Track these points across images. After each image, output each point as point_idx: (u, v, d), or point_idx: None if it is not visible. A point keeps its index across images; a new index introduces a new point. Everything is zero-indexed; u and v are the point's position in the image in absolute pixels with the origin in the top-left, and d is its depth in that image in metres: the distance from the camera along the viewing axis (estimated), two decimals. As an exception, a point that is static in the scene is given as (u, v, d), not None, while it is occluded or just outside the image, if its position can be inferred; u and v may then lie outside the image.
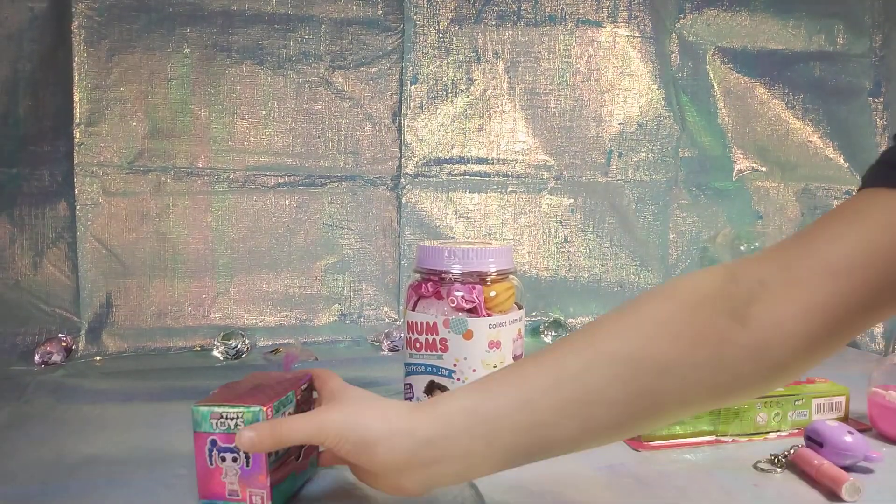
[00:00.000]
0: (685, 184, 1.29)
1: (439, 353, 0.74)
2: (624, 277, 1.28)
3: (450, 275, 0.74)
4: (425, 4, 1.17)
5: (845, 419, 0.78)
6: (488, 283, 0.74)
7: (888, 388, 0.77)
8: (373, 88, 1.17)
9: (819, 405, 0.78)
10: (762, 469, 0.67)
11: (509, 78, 1.21)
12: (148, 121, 1.09)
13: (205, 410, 0.57)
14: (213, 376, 0.98)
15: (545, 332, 1.20)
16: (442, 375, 0.74)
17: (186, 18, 1.09)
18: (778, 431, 0.76)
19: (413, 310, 0.76)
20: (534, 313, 1.23)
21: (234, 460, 0.56)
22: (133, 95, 1.09)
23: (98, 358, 1.06)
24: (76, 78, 1.06)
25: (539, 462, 0.53)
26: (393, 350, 1.11)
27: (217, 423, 0.56)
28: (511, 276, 0.77)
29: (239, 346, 1.07)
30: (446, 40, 1.18)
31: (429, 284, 0.75)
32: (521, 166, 1.23)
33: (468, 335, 0.72)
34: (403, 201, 1.19)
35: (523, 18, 1.20)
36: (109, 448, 0.72)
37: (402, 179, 1.19)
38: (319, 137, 1.16)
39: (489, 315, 0.73)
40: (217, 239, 1.13)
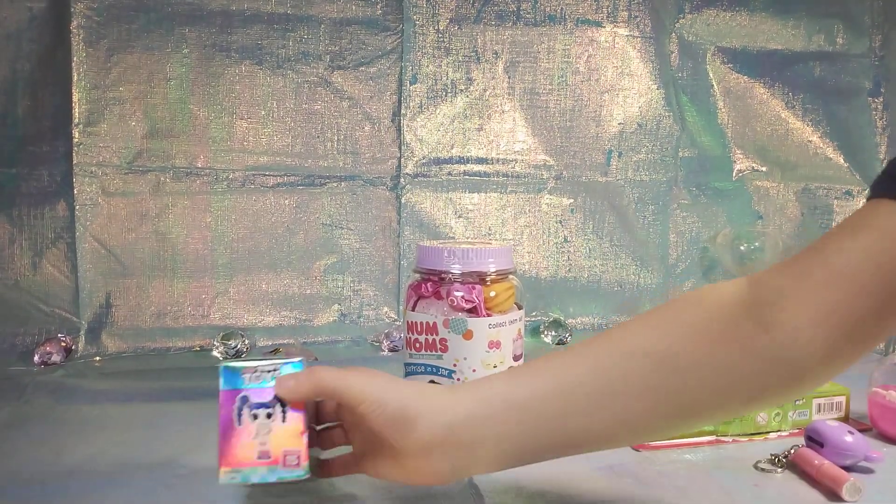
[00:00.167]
0: (685, 184, 1.29)
1: (439, 354, 0.73)
2: (624, 277, 1.28)
3: (449, 275, 0.74)
4: (425, 4, 1.17)
5: (846, 419, 0.78)
6: (488, 283, 0.74)
7: (889, 388, 0.77)
8: (372, 88, 1.17)
9: (819, 405, 0.78)
10: (762, 469, 0.67)
11: (509, 78, 1.21)
12: (147, 121, 1.09)
13: (237, 366, 0.53)
14: (213, 377, 0.97)
15: (545, 332, 1.20)
16: (442, 376, 0.74)
17: (185, 18, 1.09)
18: (778, 431, 0.76)
19: (413, 310, 0.76)
20: (534, 313, 1.23)
21: (269, 416, 0.52)
22: (132, 95, 1.08)
23: (97, 358, 1.06)
24: (75, 78, 1.06)
25: (539, 462, 0.53)
26: (393, 350, 1.11)
27: (250, 378, 0.53)
28: (511, 276, 0.77)
29: (238, 347, 1.07)
30: (446, 40, 1.18)
31: (428, 284, 0.75)
32: (521, 166, 1.23)
33: (468, 335, 0.72)
34: (403, 201, 1.19)
35: (523, 18, 1.20)
36: (109, 448, 0.72)
37: (402, 179, 1.19)
38: (319, 137, 1.16)
39: (489, 315, 0.73)
40: (216, 239, 1.13)
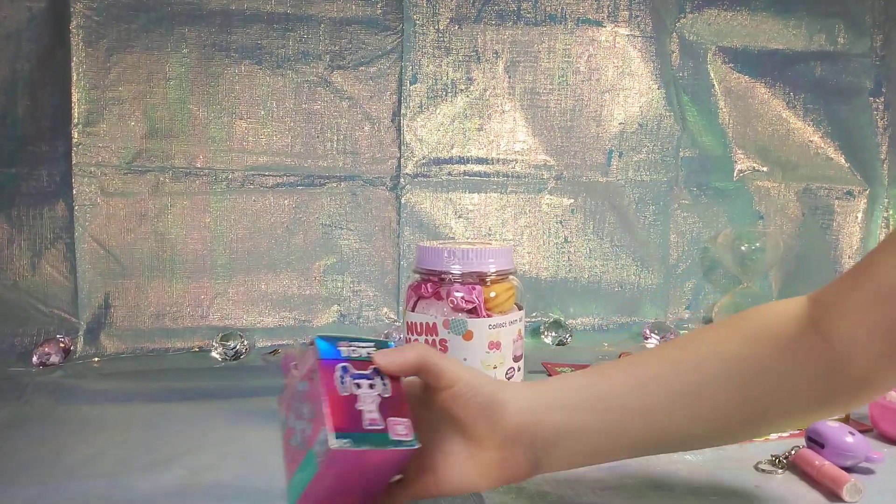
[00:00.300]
0: (686, 184, 1.29)
1: (439, 354, 0.73)
2: (624, 278, 1.27)
3: (449, 275, 0.74)
4: (425, 4, 1.17)
5: (846, 420, 0.77)
6: (488, 284, 0.74)
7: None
8: (372, 88, 1.17)
9: (820, 406, 0.77)
10: (763, 470, 0.67)
11: (509, 77, 1.21)
12: (146, 121, 1.09)
13: (329, 338, 0.51)
14: (212, 377, 0.98)
15: (545, 333, 1.20)
16: (442, 376, 0.73)
17: (185, 18, 1.09)
18: (779, 432, 0.75)
19: (412, 310, 0.75)
20: (534, 314, 1.23)
21: (371, 387, 0.50)
22: (131, 95, 1.08)
23: (96, 359, 1.06)
24: (74, 78, 1.05)
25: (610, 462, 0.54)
26: (392, 350, 1.10)
27: (347, 351, 0.51)
28: (511, 277, 0.77)
29: (237, 347, 1.07)
30: (446, 40, 1.18)
31: (428, 285, 0.75)
32: (521, 166, 1.23)
33: (468, 336, 0.72)
34: (403, 201, 1.19)
35: (523, 18, 1.20)
36: (109, 448, 0.72)
37: (402, 179, 1.18)
38: (318, 137, 1.15)
39: (489, 316, 0.73)
40: (216, 239, 1.13)
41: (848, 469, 0.64)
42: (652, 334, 1.18)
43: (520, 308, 0.77)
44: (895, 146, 1.18)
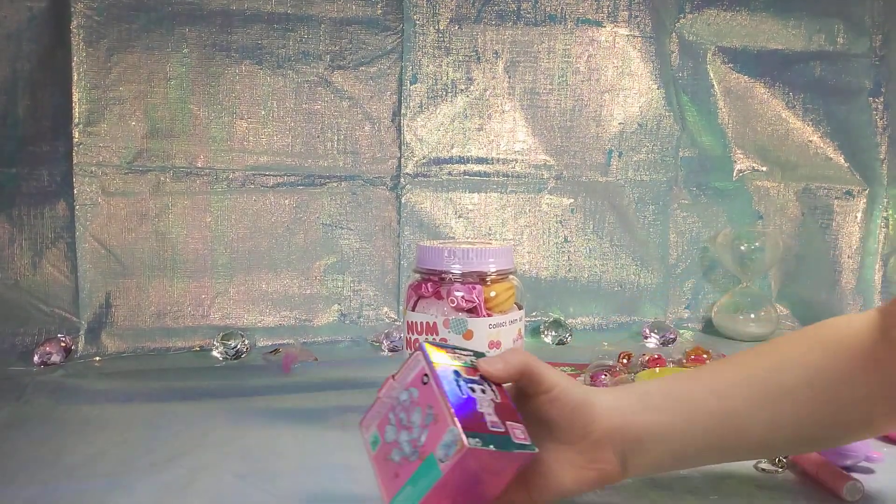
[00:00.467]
0: (685, 184, 1.29)
1: (439, 354, 0.73)
2: (624, 277, 1.28)
3: (450, 275, 0.74)
4: (425, 4, 1.17)
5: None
6: (488, 284, 0.74)
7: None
8: (372, 88, 1.17)
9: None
10: (763, 469, 0.67)
11: (509, 77, 1.21)
12: (147, 120, 1.09)
13: (439, 345, 0.52)
14: (213, 377, 0.98)
15: (545, 332, 1.20)
16: (442, 376, 0.73)
17: (185, 18, 1.09)
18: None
19: (413, 310, 0.76)
20: (534, 313, 1.23)
21: (483, 392, 0.50)
22: (132, 95, 1.08)
23: (97, 358, 1.06)
24: (75, 78, 1.05)
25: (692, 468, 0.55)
26: (393, 350, 1.11)
27: (453, 357, 0.51)
28: (511, 277, 0.77)
29: (238, 347, 1.07)
30: (446, 40, 1.18)
31: (428, 284, 0.75)
32: (521, 166, 1.23)
33: (468, 335, 0.72)
34: (403, 201, 1.19)
35: (523, 18, 1.20)
36: (109, 448, 0.72)
37: (402, 179, 1.19)
38: (319, 137, 1.16)
39: (489, 315, 0.73)
40: (216, 239, 1.13)
41: (848, 469, 0.64)
42: (651, 334, 1.19)
43: (520, 307, 0.77)
44: (894, 146, 1.18)
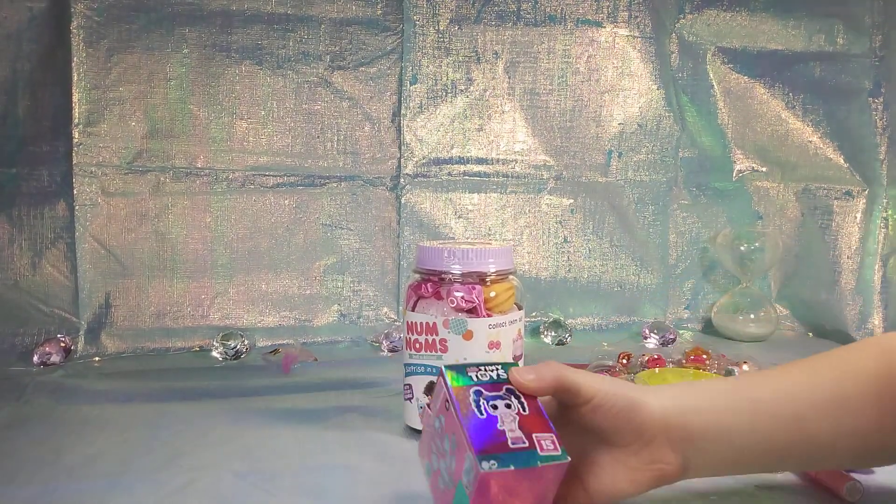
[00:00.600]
0: (685, 184, 1.29)
1: (439, 354, 0.73)
2: (624, 278, 1.28)
3: (449, 275, 0.74)
4: (425, 4, 1.17)
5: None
6: (488, 284, 0.74)
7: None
8: (372, 88, 1.17)
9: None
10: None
11: (509, 78, 1.21)
12: (147, 121, 1.09)
13: (457, 366, 0.51)
14: (213, 377, 0.98)
15: (545, 333, 1.20)
16: (442, 376, 0.74)
17: (185, 18, 1.09)
18: None
19: (412, 310, 0.76)
20: (534, 314, 1.23)
21: (508, 406, 0.49)
22: (132, 95, 1.08)
23: (97, 358, 1.06)
24: (75, 78, 1.06)
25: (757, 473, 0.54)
26: (392, 350, 1.11)
27: (477, 376, 0.50)
28: (511, 277, 0.77)
29: (238, 347, 1.07)
30: (446, 40, 1.18)
31: (428, 285, 0.75)
32: (521, 166, 1.23)
33: (468, 336, 0.72)
34: (403, 201, 1.19)
35: (523, 18, 1.20)
36: (109, 448, 0.72)
37: (402, 179, 1.19)
38: (319, 137, 1.16)
39: (489, 315, 0.73)
40: (216, 239, 1.13)
41: (848, 469, 0.64)
42: (651, 334, 1.19)
43: (520, 308, 0.77)
44: (894, 146, 1.18)
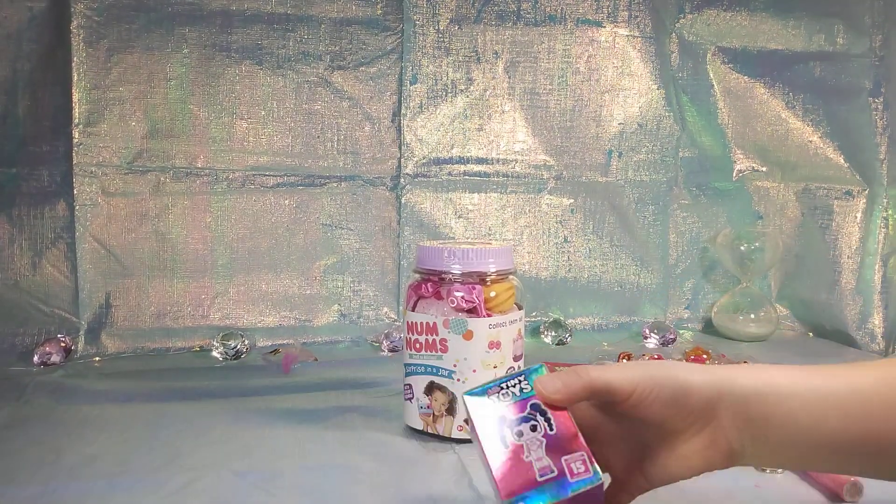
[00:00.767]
0: (685, 184, 1.29)
1: (439, 354, 0.73)
2: (624, 278, 1.28)
3: (449, 275, 0.74)
4: (425, 4, 1.17)
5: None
6: (488, 284, 0.74)
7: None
8: (372, 88, 1.17)
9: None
10: (763, 469, 0.67)
11: (509, 78, 1.21)
12: (147, 121, 1.09)
13: (478, 391, 0.48)
14: (213, 377, 0.98)
15: (545, 333, 1.20)
16: (442, 376, 0.74)
17: (185, 18, 1.09)
18: None
19: (413, 310, 0.76)
20: (534, 313, 1.23)
21: (534, 429, 0.46)
22: (132, 95, 1.08)
23: (97, 358, 1.06)
24: (75, 78, 1.06)
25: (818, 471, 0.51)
26: (393, 350, 1.11)
27: (499, 397, 0.48)
28: (511, 277, 0.77)
29: (238, 347, 1.07)
30: (446, 40, 1.18)
31: (428, 285, 0.75)
32: (521, 166, 1.23)
33: (468, 335, 0.72)
34: (403, 201, 1.19)
35: (523, 18, 1.20)
36: (109, 448, 0.72)
37: (402, 179, 1.19)
38: (319, 137, 1.16)
39: (489, 315, 0.73)
40: (216, 239, 1.13)
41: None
42: (651, 334, 1.19)
43: (520, 308, 0.77)
44: (894, 146, 1.18)
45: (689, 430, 0.48)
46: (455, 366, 0.73)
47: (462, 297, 0.73)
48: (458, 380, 0.73)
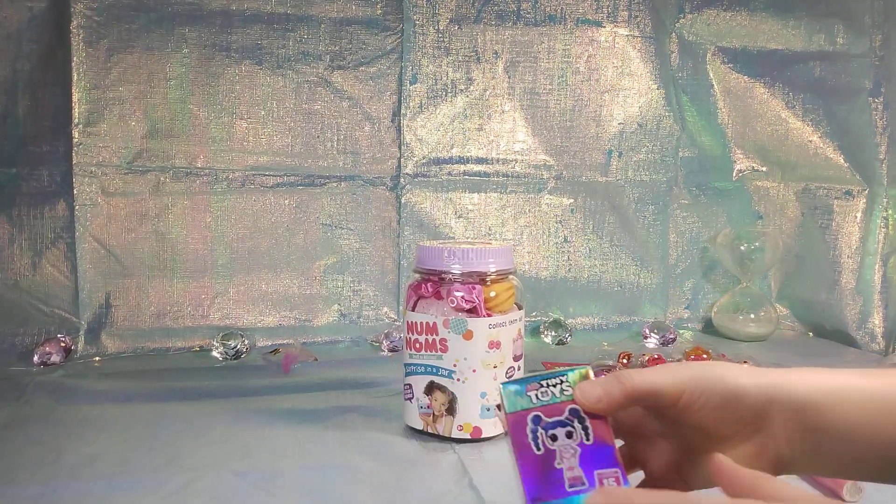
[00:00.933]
0: (685, 184, 1.29)
1: (439, 354, 0.73)
2: (624, 277, 1.28)
3: (449, 275, 0.74)
4: (425, 4, 1.17)
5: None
6: (488, 284, 0.74)
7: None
8: (372, 88, 1.17)
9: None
10: (763, 469, 0.67)
11: (509, 78, 1.21)
12: (147, 121, 1.09)
13: (517, 386, 0.45)
14: (213, 377, 0.98)
15: (545, 332, 1.20)
16: (442, 376, 0.74)
17: (185, 18, 1.09)
18: None
19: (413, 310, 0.76)
20: (534, 313, 1.23)
21: (569, 435, 0.44)
22: (132, 95, 1.08)
23: (97, 358, 1.06)
24: (75, 78, 1.06)
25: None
26: (392, 350, 1.11)
27: (537, 395, 0.45)
28: (511, 277, 0.77)
29: (238, 347, 1.07)
30: (446, 40, 1.18)
31: (428, 285, 0.75)
32: (521, 166, 1.23)
33: (468, 335, 0.72)
34: (403, 201, 1.19)
35: (523, 18, 1.20)
36: (109, 448, 0.72)
37: (402, 179, 1.19)
38: (318, 137, 1.16)
39: (489, 315, 0.73)
40: (216, 239, 1.13)
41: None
42: (651, 334, 1.19)
43: (520, 308, 0.77)
44: (894, 146, 1.18)
45: (737, 437, 0.45)
46: (455, 366, 0.73)
47: (462, 297, 0.73)
48: (458, 380, 0.73)
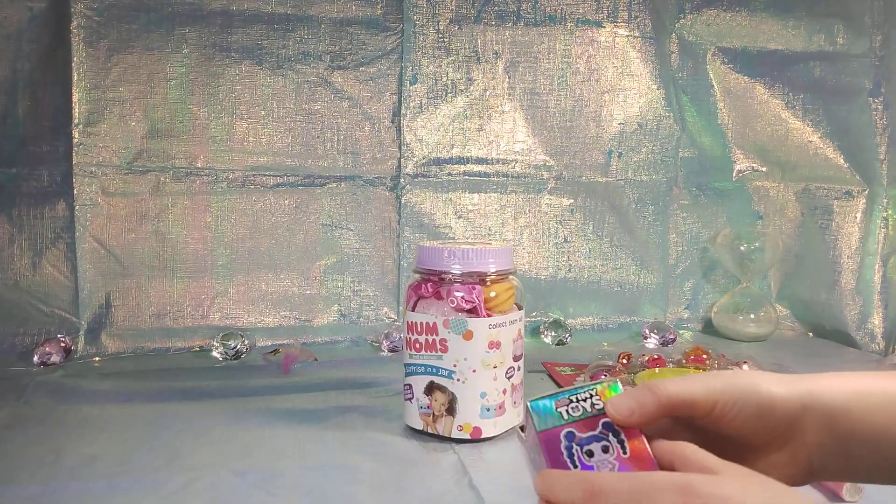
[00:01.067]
0: (685, 184, 1.29)
1: (439, 354, 0.73)
2: (624, 278, 1.28)
3: (449, 275, 0.74)
4: (425, 4, 1.17)
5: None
6: (488, 284, 0.74)
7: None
8: (372, 88, 1.17)
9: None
10: (763, 469, 0.67)
11: (509, 78, 1.21)
12: (147, 121, 1.09)
13: (546, 402, 0.43)
14: (213, 377, 0.98)
15: (545, 333, 1.20)
16: (442, 376, 0.74)
17: (185, 18, 1.09)
18: None
19: (413, 310, 0.76)
20: (534, 313, 1.23)
21: (605, 450, 0.43)
22: (132, 95, 1.08)
23: (97, 358, 1.06)
24: (75, 78, 1.06)
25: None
26: (392, 350, 1.11)
27: (568, 411, 0.44)
28: (511, 277, 0.77)
29: (238, 347, 1.07)
30: (446, 40, 1.18)
31: (428, 285, 0.75)
32: (521, 166, 1.23)
33: (468, 335, 0.72)
34: (403, 201, 1.19)
35: (523, 18, 1.20)
36: (109, 448, 0.72)
37: (402, 179, 1.19)
38: (319, 137, 1.16)
39: (489, 315, 0.73)
40: (216, 239, 1.13)
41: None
42: (651, 334, 1.19)
43: (520, 308, 0.77)
44: (894, 146, 1.18)
45: (770, 447, 0.45)
46: (455, 366, 0.73)
47: (462, 297, 0.73)
48: (458, 380, 0.73)
